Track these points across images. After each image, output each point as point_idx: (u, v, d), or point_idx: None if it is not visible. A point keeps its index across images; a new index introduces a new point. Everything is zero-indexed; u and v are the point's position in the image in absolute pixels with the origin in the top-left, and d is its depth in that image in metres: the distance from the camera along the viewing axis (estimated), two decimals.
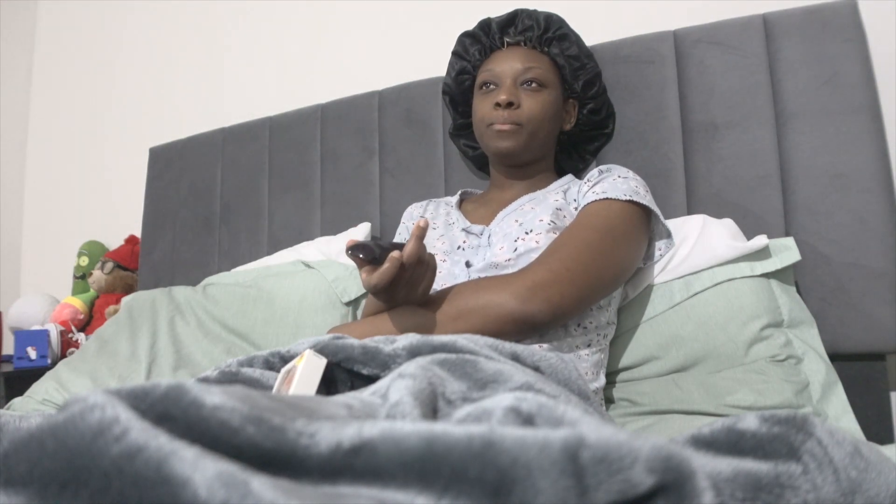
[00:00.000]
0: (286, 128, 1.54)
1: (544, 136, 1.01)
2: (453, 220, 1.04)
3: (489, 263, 0.87)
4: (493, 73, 1.01)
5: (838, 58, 1.02)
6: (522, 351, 0.57)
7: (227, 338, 1.20)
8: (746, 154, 1.07)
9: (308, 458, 0.27)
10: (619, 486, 0.26)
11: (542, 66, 1.00)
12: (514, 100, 0.96)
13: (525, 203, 0.97)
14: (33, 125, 2.30)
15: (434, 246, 0.97)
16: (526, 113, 0.97)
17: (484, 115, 1.00)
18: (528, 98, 0.98)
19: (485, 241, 0.94)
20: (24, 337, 1.64)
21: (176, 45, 1.99)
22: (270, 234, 1.51)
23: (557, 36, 1.03)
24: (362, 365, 0.54)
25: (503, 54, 1.03)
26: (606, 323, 0.88)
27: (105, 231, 2.01)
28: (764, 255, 0.92)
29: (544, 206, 0.92)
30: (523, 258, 0.86)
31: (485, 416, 0.33)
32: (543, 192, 1.00)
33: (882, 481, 0.35)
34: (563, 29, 1.04)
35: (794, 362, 0.84)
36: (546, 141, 1.02)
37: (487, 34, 1.07)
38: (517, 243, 0.87)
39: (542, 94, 0.99)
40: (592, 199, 0.88)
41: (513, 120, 0.97)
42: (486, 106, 1.00)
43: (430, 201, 1.15)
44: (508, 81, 0.99)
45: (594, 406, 0.58)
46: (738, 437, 0.36)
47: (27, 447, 0.25)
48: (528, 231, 0.88)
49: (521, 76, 0.99)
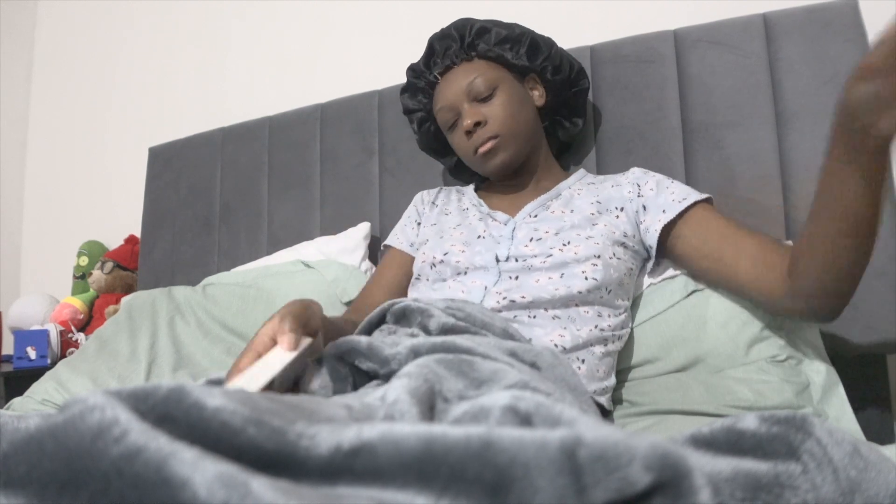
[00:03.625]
0: (286, 127, 1.54)
1: (525, 130, 0.99)
2: (467, 205, 1.03)
3: (524, 266, 0.86)
4: (445, 108, 1.00)
5: (839, 58, 1.02)
6: (519, 348, 0.57)
7: (227, 338, 1.20)
8: (746, 154, 1.07)
9: (308, 460, 0.27)
10: (617, 485, 0.26)
11: (480, 72, 0.98)
12: (478, 118, 0.96)
13: (551, 202, 0.97)
14: (33, 125, 2.30)
15: (451, 235, 0.96)
16: (495, 123, 0.96)
17: (465, 149, 1.00)
18: (488, 108, 0.97)
19: (508, 232, 0.93)
20: (24, 337, 1.64)
21: (176, 44, 1.99)
22: (270, 234, 1.51)
23: (475, 34, 1.01)
24: (364, 359, 0.55)
25: (442, 86, 1.02)
26: (620, 326, 0.88)
27: (105, 231, 2.01)
28: None
29: (578, 213, 0.91)
30: (560, 269, 0.85)
31: (482, 415, 0.33)
32: (565, 187, 1.00)
33: (881, 481, 0.35)
34: (475, 26, 1.00)
35: (795, 363, 0.84)
36: (530, 131, 1.00)
37: (420, 76, 1.07)
38: (553, 251, 0.86)
39: (496, 97, 0.97)
40: (686, 207, 0.87)
41: (488, 136, 0.96)
42: (461, 139, 1.00)
43: (441, 188, 1.14)
44: (463, 106, 0.98)
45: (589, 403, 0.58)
46: (737, 437, 0.36)
47: (27, 448, 0.25)
48: (565, 243, 0.87)
49: (469, 95, 0.97)
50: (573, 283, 0.83)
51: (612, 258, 0.86)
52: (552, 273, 0.84)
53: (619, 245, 0.88)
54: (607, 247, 0.86)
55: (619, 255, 0.87)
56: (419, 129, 1.13)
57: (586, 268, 0.84)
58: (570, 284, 0.83)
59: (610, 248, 0.86)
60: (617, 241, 0.88)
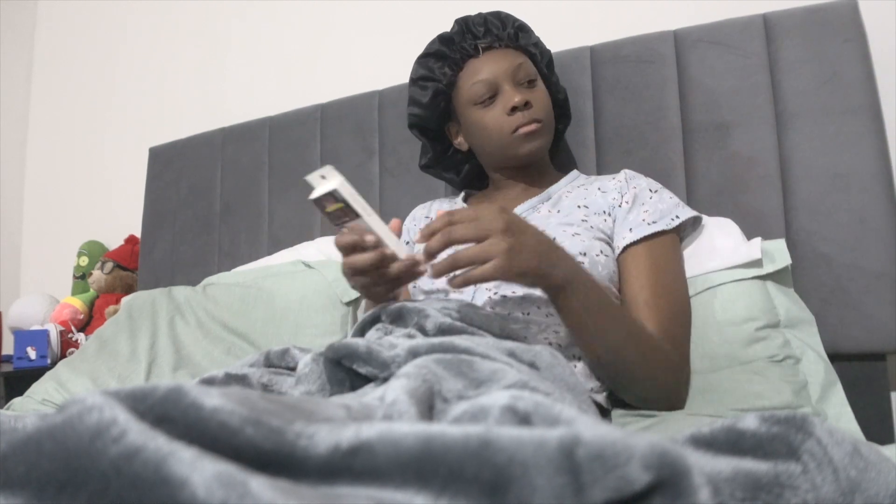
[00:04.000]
0: (286, 128, 1.54)
1: (553, 126, 1.01)
2: None
3: None
4: (486, 82, 0.96)
5: (838, 58, 1.02)
6: (517, 348, 0.57)
7: (227, 338, 1.20)
8: (746, 154, 1.07)
9: (307, 459, 0.27)
10: (615, 483, 0.26)
11: (525, 61, 0.98)
12: (528, 98, 0.94)
13: (541, 204, 0.97)
14: (33, 125, 2.30)
15: None
16: (539, 108, 0.96)
17: (501, 125, 0.95)
18: (531, 93, 0.96)
19: None
20: (24, 337, 1.64)
21: (176, 45, 1.99)
22: (270, 233, 1.51)
23: (517, 27, 1.01)
24: (363, 363, 0.55)
25: (483, 60, 0.97)
26: None
27: (105, 231, 2.01)
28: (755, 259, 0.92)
29: (566, 213, 0.92)
30: None
31: (481, 414, 0.34)
32: (556, 189, 1.00)
33: (881, 481, 0.35)
34: (516, 22, 1.01)
35: (793, 362, 0.84)
36: (553, 130, 1.02)
37: (452, 47, 1.01)
38: None
39: (538, 87, 0.98)
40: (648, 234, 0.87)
41: (533, 118, 0.94)
42: (498, 115, 0.95)
43: (433, 202, 1.15)
44: (507, 84, 0.95)
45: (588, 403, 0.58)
46: (737, 437, 0.36)
47: (25, 449, 0.25)
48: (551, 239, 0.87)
49: (514, 77, 0.96)
50: None
51: (600, 255, 0.86)
52: None
53: (605, 244, 0.89)
54: (594, 244, 0.86)
55: (607, 253, 0.88)
56: (429, 101, 1.03)
57: None
58: None
59: (597, 245, 0.87)
60: (603, 240, 0.88)
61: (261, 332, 1.19)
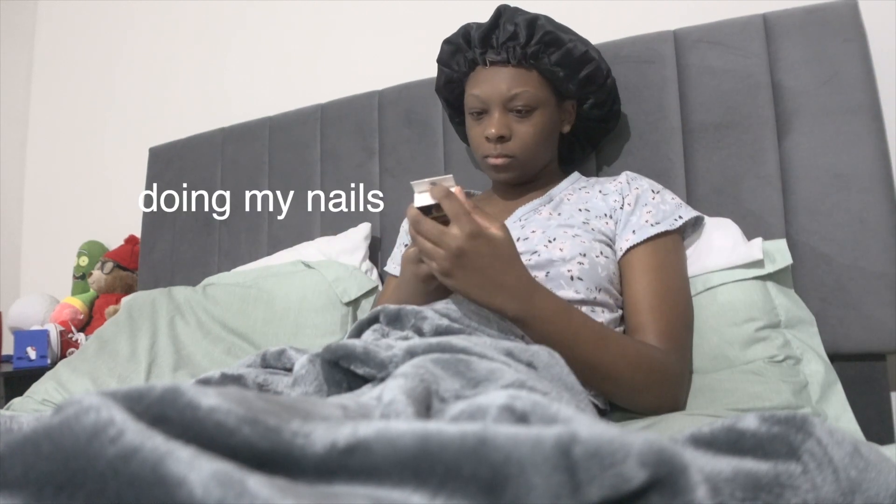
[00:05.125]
0: (286, 128, 1.54)
1: (542, 158, 0.99)
2: None
3: None
4: (479, 98, 0.95)
5: (838, 58, 1.02)
6: (515, 348, 0.57)
7: (227, 338, 1.21)
8: (746, 154, 1.07)
9: (304, 458, 0.27)
10: (612, 481, 0.26)
11: (529, 86, 0.93)
12: (503, 132, 0.92)
13: (541, 207, 0.97)
14: (33, 125, 2.30)
15: None
16: (517, 144, 0.93)
17: (478, 146, 0.97)
18: (518, 125, 0.93)
19: None
20: (24, 337, 1.64)
21: (176, 45, 1.99)
22: (270, 234, 1.51)
23: (544, 42, 0.93)
24: (361, 364, 0.55)
25: (487, 74, 0.95)
26: (613, 324, 0.88)
27: (105, 231, 2.01)
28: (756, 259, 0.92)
29: (567, 216, 0.92)
30: (546, 267, 0.84)
31: (479, 414, 0.33)
32: (557, 192, 0.99)
33: (882, 481, 0.35)
34: (548, 34, 0.93)
35: (793, 363, 0.84)
36: (545, 156, 0.99)
37: (468, 45, 0.99)
38: (538, 248, 0.86)
39: (532, 118, 0.94)
40: (651, 236, 0.87)
41: (505, 153, 0.94)
42: (479, 135, 0.96)
43: None
44: (497, 110, 0.93)
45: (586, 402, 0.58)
46: (737, 437, 0.36)
47: (22, 449, 0.25)
48: (551, 240, 0.87)
49: (508, 102, 0.93)
50: (559, 283, 0.83)
51: (599, 256, 0.86)
52: (538, 272, 0.84)
53: (606, 245, 0.88)
54: (594, 245, 0.86)
55: (607, 255, 0.87)
56: (444, 84, 1.08)
57: (572, 266, 0.84)
58: (555, 285, 0.83)
59: (597, 247, 0.87)
60: (603, 242, 0.88)
61: (261, 333, 1.20)
